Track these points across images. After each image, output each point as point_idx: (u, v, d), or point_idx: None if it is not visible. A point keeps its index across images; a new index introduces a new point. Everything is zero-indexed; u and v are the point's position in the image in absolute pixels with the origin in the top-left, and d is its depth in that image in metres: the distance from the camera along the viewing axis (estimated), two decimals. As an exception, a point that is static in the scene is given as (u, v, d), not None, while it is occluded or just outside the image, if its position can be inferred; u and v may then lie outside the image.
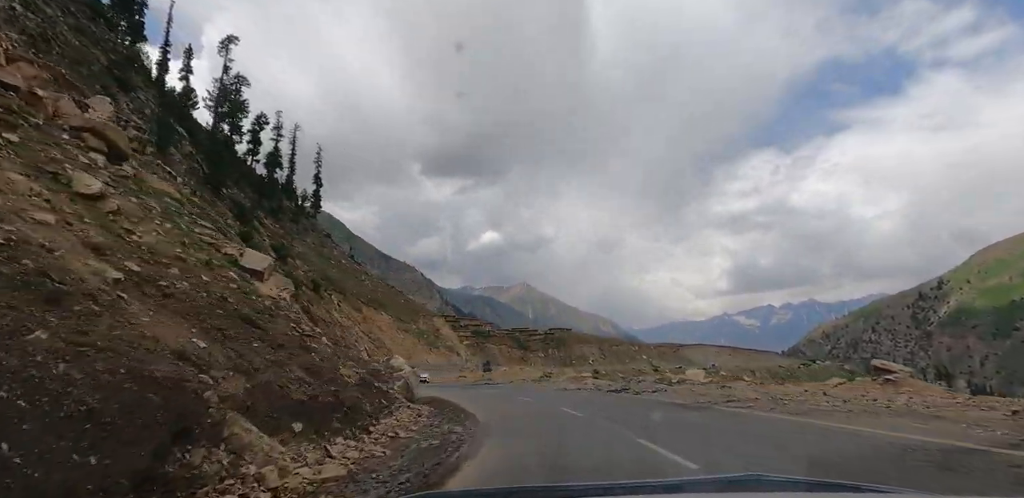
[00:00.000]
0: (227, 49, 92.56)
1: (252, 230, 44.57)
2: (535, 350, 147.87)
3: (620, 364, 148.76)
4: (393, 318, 75.68)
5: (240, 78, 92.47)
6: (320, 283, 52.94)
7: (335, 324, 47.96)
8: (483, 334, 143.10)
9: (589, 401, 20.72)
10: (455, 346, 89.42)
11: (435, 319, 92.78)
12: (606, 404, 19.16)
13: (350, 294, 69.05)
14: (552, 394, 26.94)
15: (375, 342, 62.40)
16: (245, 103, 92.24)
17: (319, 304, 47.78)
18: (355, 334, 54.57)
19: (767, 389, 24.99)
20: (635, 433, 9.90)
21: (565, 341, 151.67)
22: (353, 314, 62.71)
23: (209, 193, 42.84)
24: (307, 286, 48.92)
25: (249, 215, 48.02)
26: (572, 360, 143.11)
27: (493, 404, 20.01)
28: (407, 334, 75.16)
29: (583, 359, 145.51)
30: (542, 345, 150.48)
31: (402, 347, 70.08)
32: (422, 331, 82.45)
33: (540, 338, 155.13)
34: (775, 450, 8.04)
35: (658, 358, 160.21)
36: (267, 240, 51.16)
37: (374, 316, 70.60)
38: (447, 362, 78.89)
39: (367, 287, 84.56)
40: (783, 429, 10.57)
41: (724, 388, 25.01)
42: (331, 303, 54.46)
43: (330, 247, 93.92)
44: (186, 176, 37.04)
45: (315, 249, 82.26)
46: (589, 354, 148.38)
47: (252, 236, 41.05)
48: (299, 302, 25.79)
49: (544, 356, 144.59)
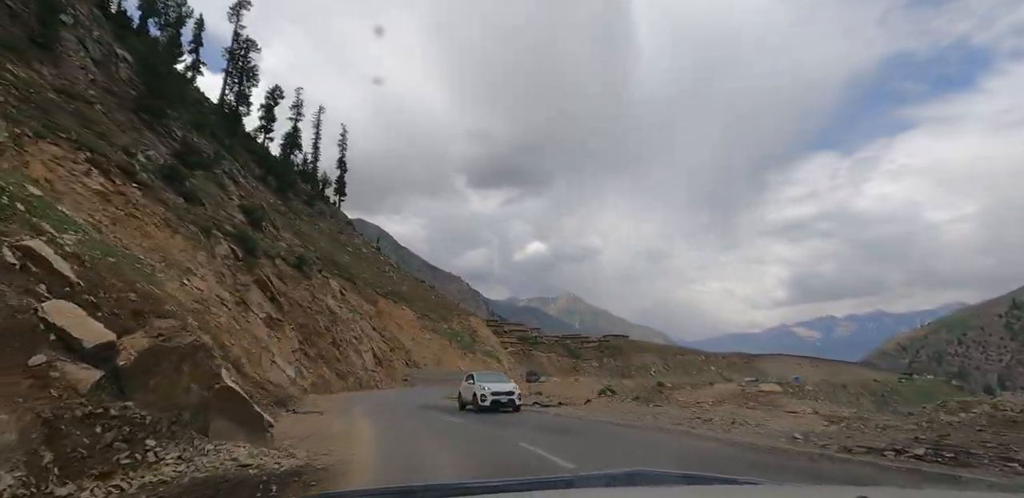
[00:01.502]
0: (238, 16, 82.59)
1: (198, 169, 31.37)
2: (588, 359, 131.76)
3: (687, 376, 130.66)
4: (419, 314, 61.52)
5: (249, 42, 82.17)
6: (307, 261, 39.33)
7: (318, 311, 34.11)
8: (530, 340, 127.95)
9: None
10: (495, 351, 74.46)
11: (472, 319, 78.23)
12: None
13: (363, 283, 55.47)
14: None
15: (389, 341, 48.31)
16: (255, 69, 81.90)
17: (297, 284, 34.10)
18: (357, 329, 40.65)
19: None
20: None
21: (622, 349, 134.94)
22: (363, 306, 48.98)
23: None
24: (284, 260, 35.32)
25: (198, 153, 34.75)
26: (631, 371, 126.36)
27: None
28: (435, 334, 60.77)
29: (643, 369, 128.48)
30: (596, 353, 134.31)
31: (427, 349, 55.76)
32: (455, 331, 67.96)
33: (593, 346, 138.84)
34: None
35: (728, 369, 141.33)
36: (235, 200, 38.04)
37: (393, 310, 56.61)
38: (485, 370, 64.01)
39: (390, 279, 71.02)
40: None
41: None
42: (326, 288, 40.88)
43: (350, 235, 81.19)
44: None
45: (329, 234, 69.49)
46: (650, 364, 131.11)
47: (181, 173, 27.80)
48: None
49: (598, 366, 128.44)
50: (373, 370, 39.51)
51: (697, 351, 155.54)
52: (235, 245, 27.68)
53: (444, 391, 39.91)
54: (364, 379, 36.65)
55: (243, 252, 28.03)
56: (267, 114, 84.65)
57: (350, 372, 34.39)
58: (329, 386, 29.82)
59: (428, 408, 19.94)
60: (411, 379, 47.74)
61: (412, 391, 37.21)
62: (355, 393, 31.42)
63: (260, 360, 22.78)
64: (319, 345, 31.69)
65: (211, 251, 24.44)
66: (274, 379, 22.70)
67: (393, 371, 45.24)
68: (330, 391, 29.59)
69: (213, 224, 27.03)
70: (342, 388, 31.70)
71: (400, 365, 47.61)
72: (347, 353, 35.00)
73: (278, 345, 25.99)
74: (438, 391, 39.44)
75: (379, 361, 42.40)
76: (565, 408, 19.35)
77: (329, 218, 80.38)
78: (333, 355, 32.46)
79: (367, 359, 38.98)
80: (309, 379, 27.49)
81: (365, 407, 19.38)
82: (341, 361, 33.23)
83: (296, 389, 24.38)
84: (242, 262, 27.68)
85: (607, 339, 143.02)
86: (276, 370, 23.37)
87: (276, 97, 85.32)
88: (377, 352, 42.89)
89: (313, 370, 28.98)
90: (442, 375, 52.83)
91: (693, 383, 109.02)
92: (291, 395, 22.44)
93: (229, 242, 27.26)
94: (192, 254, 21.84)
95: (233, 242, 27.75)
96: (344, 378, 33.07)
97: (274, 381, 22.50)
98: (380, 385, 39.76)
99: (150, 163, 26.43)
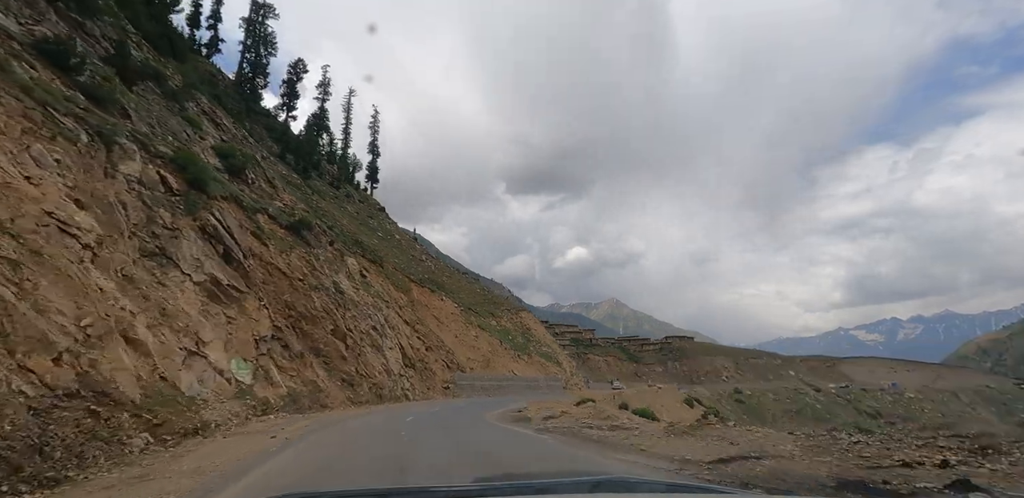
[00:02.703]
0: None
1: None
2: (649, 363, 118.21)
3: (763, 381, 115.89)
4: (462, 308, 50.47)
5: (266, 7, 73.73)
6: (309, 225, 28.79)
7: (314, 287, 23.21)
8: (583, 343, 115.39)
9: None
10: (553, 353, 62.73)
11: (523, 315, 66.68)
12: None
13: (393, 268, 44.84)
14: None
15: (425, 338, 37.29)
16: (272, 36, 73.38)
17: (286, 250, 23.40)
18: (379, 319, 29.70)
19: None
20: None
21: (687, 352, 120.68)
22: (391, 292, 38.21)
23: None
24: (271, 217, 24.82)
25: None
26: (700, 376, 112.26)
27: None
28: (483, 331, 49.50)
29: (714, 374, 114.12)
30: (658, 357, 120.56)
31: (473, 349, 44.55)
32: (505, 329, 56.62)
33: (654, 348, 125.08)
34: None
35: (810, 374, 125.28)
36: (210, 139, 27.88)
37: (431, 300, 45.73)
38: (543, 376, 52.47)
39: (427, 268, 60.31)
40: None
41: None
42: (339, 264, 30.16)
43: (381, 220, 71.16)
44: None
45: (356, 217, 59.43)
46: (721, 368, 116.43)
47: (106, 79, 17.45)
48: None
49: (662, 371, 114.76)
50: (401, 374, 28.45)
51: (772, 354, 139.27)
52: (169, 172, 17.21)
53: (503, 402, 28.58)
54: (387, 387, 25.59)
55: (182, 184, 17.53)
56: (289, 90, 75.89)
57: (364, 376, 23.37)
58: (323, 398, 18.82)
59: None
60: (455, 386, 36.56)
61: (462, 404, 26.02)
62: (368, 410, 20.33)
63: (169, 351, 11.95)
64: (313, 335, 20.84)
65: (102, 163, 13.96)
66: (189, 386, 11.83)
67: (430, 377, 34.17)
68: (325, 406, 18.60)
69: (133, 138, 16.63)
70: (347, 401, 20.62)
71: (440, 368, 36.53)
72: (360, 349, 24.09)
73: (225, 330, 15.17)
74: (495, 403, 28.13)
75: (410, 362, 31.38)
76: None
77: (358, 203, 70.68)
78: (336, 351, 21.55)
79: (392, 359, 27.96)
80: (284, 387, 16.58)
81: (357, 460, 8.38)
82: (349, 360, 22.25)
83: (242, 405, 13.46)
84: (179, 198, 17.10)
85: (669, 341, 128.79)
86: (198, 370, 12.51)
87: (299, 72, 76.35)
88: (409, 350, 31.88)
89: (296, 372, 18.08)
90: (494, 381, 41.44)
91: (773, 390, 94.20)
92: (214, 421, 11.43)
93: (156, 166, 16.78)
94: (29, 139, 11.29)
95: (167, 168, 17.29)
96: (354, 385, 22.04)
97: (187, 389, 11.63)
98: (411, 395, 28.64)
99: (31, 37, 16.32)
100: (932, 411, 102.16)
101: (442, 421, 15.72)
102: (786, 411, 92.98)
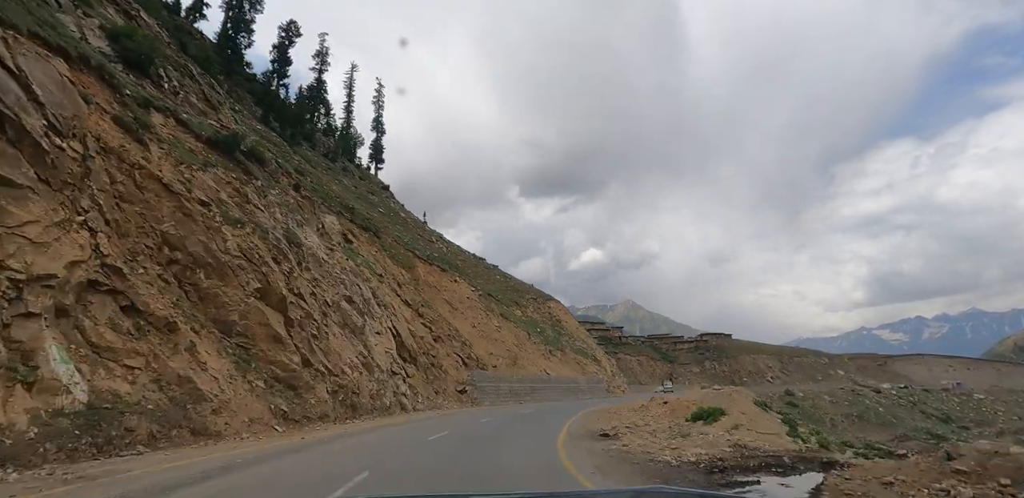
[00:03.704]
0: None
1: None
2: (686, 363, 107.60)
3: (811, 381, 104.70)
4: (480, 293, 40.83)
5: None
6: (257, 154, 19.26)
7: (234, 222, 13.54)
8: (613, 342, 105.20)
9: None
10: (589, 348, 52.77)
11: (552, 304, 56.76)
12: None
13: (392, 240, 35.38)
14: None
15: (432, 324, 27.70)
16: (256, -11, 64.60)
17: (191, 163, 13.77)
18: (364, 291, 20.13)
19: None
20: None
21: (726, 351, 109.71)
22: (387, 265, 28.74)
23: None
24: (182, 123, 15.19)
25: None
26: (742, 376, 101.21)
27: None
28: (506, 321, 39.77)
29: (757, 374, 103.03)
30: (694, 356, 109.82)
31: (495, 342, 34.77)
32: (533, 321, 46.83)
33: (689, 347, 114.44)
34: None
35: (860, 373, 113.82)
36: (102, 23, 18.47)
37: (441, 281, 36.14)
38: (583, 377, 42.62)
39: (438, 249, 50.76)
40: None
41: None
42: (306, 213, 20.72)
43: (384, 198, 61.83)
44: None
45: (351, 190, 50.14)
46: (765, 368, 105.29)
47: None
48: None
49: (699, 371, 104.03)
50: (393, 372, 18.74)
51: (817, 352, 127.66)
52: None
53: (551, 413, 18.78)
54: (367, 391, 15.91)
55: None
56: (280, 56, 66.80)
57: (322, 372, 13.80)
58: (209, 417, 9.24)
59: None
60: (473, 389, 26.85)
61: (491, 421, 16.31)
62: (301, 440, 10.67)
63: None
64: (216, 297, 11.37)
65: None
66: None
67: (439, 376, 24.53)
68: (208, 431, 9.01)
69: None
70: (275, 417, 10.96)
71: (453, 365, 26.90)
72: (320, 328, 14.54)
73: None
74: (536, 414, 18.53)
75: (410, 355, 21.72)
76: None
77: (359, 179, 61.50)
78: (262, 326, 12.00)
79: (379, 349, 18.29)
80: (99, 392, 7.19)
81: None
82: (289, 344, 12.71)
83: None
84: None
85: (705, 339, 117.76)
86: None
87: (291, 35, 67.16)
88: (408, 339, 22.20)
89: (147, 361, 8.67)
90: (524, 383, 31.73)
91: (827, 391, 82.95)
92: None
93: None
94: None
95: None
96: (297, 388, 12.46)
97: None
98: (410, 402, 18.91)
99: None
100: (1007, 414, 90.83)
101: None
102: (846, 415, 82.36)
